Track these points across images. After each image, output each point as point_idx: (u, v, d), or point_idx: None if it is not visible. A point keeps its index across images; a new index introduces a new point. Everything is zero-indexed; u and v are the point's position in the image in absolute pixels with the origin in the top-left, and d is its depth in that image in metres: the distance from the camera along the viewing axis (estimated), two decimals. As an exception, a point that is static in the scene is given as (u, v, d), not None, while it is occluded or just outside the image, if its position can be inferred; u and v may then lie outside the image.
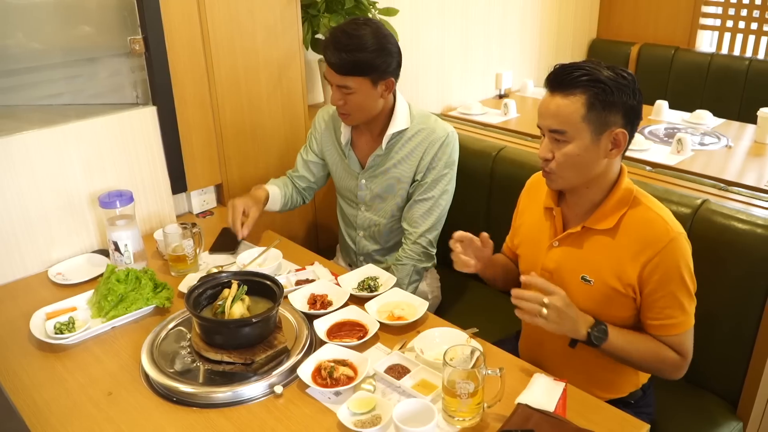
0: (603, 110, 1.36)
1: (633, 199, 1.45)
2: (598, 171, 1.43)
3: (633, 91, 1.38)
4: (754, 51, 3.80)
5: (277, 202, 2.11)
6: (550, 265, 1.54)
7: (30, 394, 1.38)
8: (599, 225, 1.46)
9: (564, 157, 1.41)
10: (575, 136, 1.39)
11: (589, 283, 1.47)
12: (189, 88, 2.08)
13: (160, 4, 1.92)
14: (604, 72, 1.36)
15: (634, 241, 1.42)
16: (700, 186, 1.95)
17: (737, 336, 1.68)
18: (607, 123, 1.37)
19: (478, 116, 3.26)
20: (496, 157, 2.16)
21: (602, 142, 1.39)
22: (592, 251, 1.47)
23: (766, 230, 1.60)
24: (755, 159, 2.62)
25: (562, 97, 1.38)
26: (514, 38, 3.68)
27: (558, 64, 1.41)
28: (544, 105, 1.42)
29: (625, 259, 1.42)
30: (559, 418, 1.24)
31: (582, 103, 1.36)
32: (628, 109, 1.38)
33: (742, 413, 1.72)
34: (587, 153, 1.40)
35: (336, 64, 1.78)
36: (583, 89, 1.36)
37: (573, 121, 1.37)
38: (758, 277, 1.61)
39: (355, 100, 1.83)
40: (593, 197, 1.48)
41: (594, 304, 1.46)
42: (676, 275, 1.40)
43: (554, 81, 1.40)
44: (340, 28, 1.81)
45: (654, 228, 1.41)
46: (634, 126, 1.42)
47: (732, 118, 3.23)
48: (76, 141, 1.88)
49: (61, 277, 1.83)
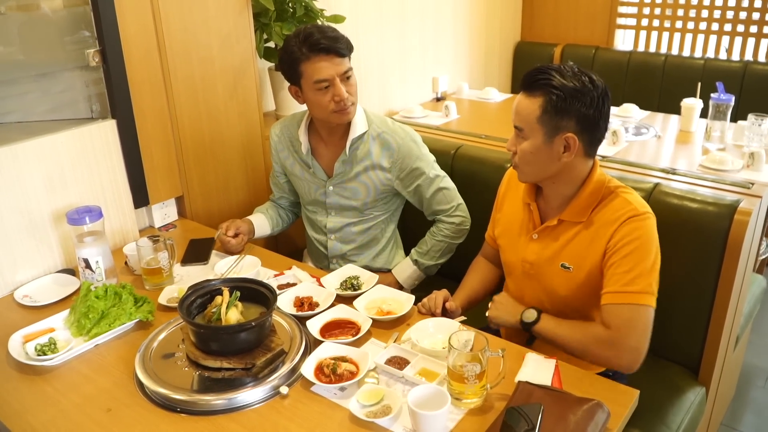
0: (555, 115, 1.43)
1: (605, 190, 1.52)
2: (555, 169, 1.50)
3: (591, 99, 1.43)
4: (668, 47, 4.08)
5: (265, 227, 2.15)
6: (530, 257, 1.62)
7: (25, 419, 1.33)
8: (574, 218, 1.54)
9: (522, 153, 1.51)
10: (530, 135, 1.48)
11: (569, 269, 1.55)
12: (147, 99, 2.05)
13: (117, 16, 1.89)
14: (566, 79, 1.43)
15: (602, 224, 1.50)
16: (649, 171, 2.09)
17: (695, 308, 1.82)
18: (559, 127, 1.44)
19: (420, 119, 3.34)
20: (456, 155, 2.24)
21: (555, 145, 1.46)
22: (569, 241, 1.56)
23: (716, 207, 1.74)
24: (683, 146, 2.82)
25: (525, 97, 1.48)
26: (447, 43, 3.80)
27: (536, 66, 1.48)
28: (515, 102, 1.51)
29: (597, 243, 1.51)
30: (559, 391, 1.31)
31: (538, 105, 1.44)
32: (582, 117, 1.43)
33: (704, 379, 1.86)
34: (540, 152, 1.48)
35: (339, 47, 1.81)
36: (542, 92, 1.44)
37: (529, 120, 1.46)
38: (711, 251, 1.75)
39: (355, 81, 1.90)
40: (564, 191, 1.56)
41: (576, 289, 1.55)
42: (626, 248, 1.45)
43: (524, 81, 1.49)
44: (311, 27, 1.85)
45: (617, 209, 1.49)
46: (592, 133, 1.47)
47: (653, 109, 3.45)
48: (36, 158, 1.82)
49: (29, 299, 1.76)
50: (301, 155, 2.05)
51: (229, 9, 2.20)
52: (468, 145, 2.27)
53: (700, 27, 3.93)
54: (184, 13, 2.07)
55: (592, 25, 4.23)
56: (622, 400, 1.34)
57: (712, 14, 3.86)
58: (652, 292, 1.44)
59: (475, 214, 2.07)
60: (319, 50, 1.80)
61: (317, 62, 1.81)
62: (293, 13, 2.47)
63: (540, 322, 1.54)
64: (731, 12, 3.79)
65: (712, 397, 1.96)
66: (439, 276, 2.18)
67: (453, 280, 2.19)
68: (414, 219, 2.20)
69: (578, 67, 1.46)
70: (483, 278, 1.86)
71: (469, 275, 1.88)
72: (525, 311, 1.58)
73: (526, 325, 1.56)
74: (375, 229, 2.10)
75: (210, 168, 2.30)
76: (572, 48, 4.20)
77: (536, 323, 1.54)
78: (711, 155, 2.51)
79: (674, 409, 1.76)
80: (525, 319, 1.56)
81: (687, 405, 1.78)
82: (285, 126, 2.10)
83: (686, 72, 3.70)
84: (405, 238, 2.26)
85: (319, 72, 1.82)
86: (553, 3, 4.30)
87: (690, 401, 1.80)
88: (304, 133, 2.02)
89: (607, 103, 1.47)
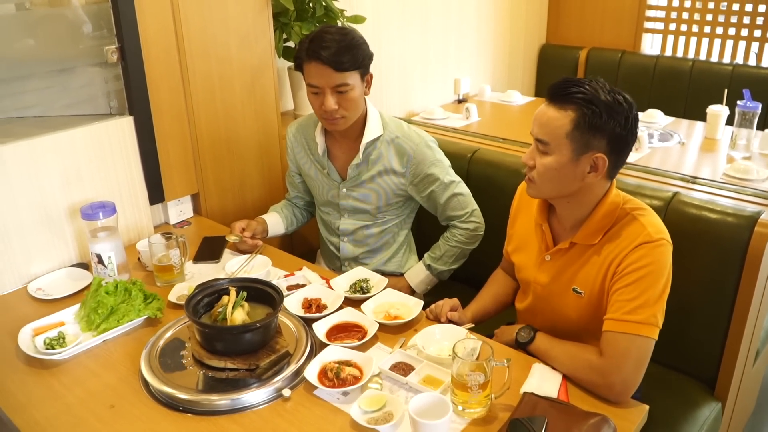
0: (588, 131, 1.36)
1: (620, 212, 1.45)
2: (575, 188, 1.43)
3: (626, 119, 1.37)
4: (696, 52, 4.00)
5: (279, 226, 2.15)
6: (543, 279, 1.58)
7: (29, 412, 1.35)
8: (586, 241, 1.47)
9: (543, 168, 1.43)
10: (556, 150, 1.40)
11: (580, 294, 1.50)
12: (165, 97, 2.06)
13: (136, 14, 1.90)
14: (601, 94, 1.35)
15: (614, 249, 1.43)
16: (669, 180, 2.05)
17: (712, 321, 1.77)
18: (590, 145, 1.37)
19: (441, 120, 3.33)
20: (472, 159, 2.22)
21: (581, 163, 1.39)
22: (581, 264, 1.49)
23: (736, 218, 1.69)
24: (708, 154, 2.76)
25: (555, 109, 1.39)
26: (470, 45, 3.77)
27: (564, 77, 1.41)
28: (539, 113, 1.42)
29: (607, 267, 1.43)
30: (564, 404, 1.29)
31: (570, 120, 1.36)
32: (614, 137, 1.37)
33: (720, 394, 1.81)
34: (564, 169, 1.40)
35: (336, 61, 1.77)
36: (576, 107, 1.36)
37: (557, 135, 1.38)
38: (730, 264, 1.70)
39: (352, 97, 1.83)
40: (577, 212, 1.49)
41: (585, 315, 1.50)
42: (633, 274, 1.38)
43: (553, 92, 1.40)
44: (323, 30, 1.82)
45: (630, 233, 1.41)
46: (619, 154, 1.41)
47: (678, 116, 3.39)
48: (54, 153, 1.84)
49: (42, 293, 1.78)
50: (317, 156, 2.05)
51: (248, 9, 2.20)
52: (485, 149, 2.25)
53: (729, 32, 3.85)
54: (203, 13, 2.08)
55: (618, 29, 4.16)
56: (631, 416, 1.31)
57: (741, 19, 3.78)
58: (654, 324, 1.36)
59: (490, 219, 2.05)
60: (317, 58, 1.78)
61: (312, 67, 1.80)
62: (313, 12, 2.46)
63: (534, 341, 1.49)
64: (761, 18, 3.71)
65: (729, 412, 1.92)
66: (452, 280, 2.16)
67: (467, 284, 2.18)
68: (429, 223, 2.18)
69: (609, 83, 1.39)
70: (497, 293, 1.81)
71: (485, 289, 1.84)
72: (520, 330, 1.52)
73: (520, 345, 1.51)
74: (388, 233, 2.09)
75: (226, 166, 2.30)
76: (598, 51, 4.14)
77: (530, 343, 1.50)
78: (736, 164, 2.46)
79: (688, 424, 1.72)
80: (520, 339, 1.51)
81: (701, 420, 1.74)
82: (301, 126, 2.10)
83: (714, 78, 3.62)
84: (419, 241, 2.25)
85: (311, 77, 1.82)
86: (579, 5, 4.24)
87: (705, 417, 1.75)
88: (321, 134, 2.01)
89: (638, 125, 1.42)
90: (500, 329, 1.64)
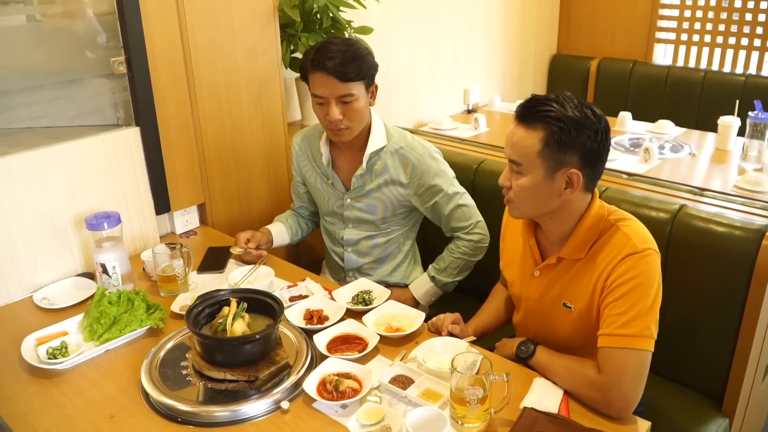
0: (558, 149, 1.35)
1: (605, 224, 1.44)
2: (554, 205, 1.42)
3: (596, 132, 1.36)
4: (708, 63, 3.97)
5: (284, 236, 2.15)
6: (533, 295, 1.57)
7: (29, 421, 1.35)
8: (573, 255, 1.46)
9: (519, 188, 1.42)
10: (529, 170, 1.39)
11: (570, 309, 1.49)
12: (171, 108, 2.07)
13: (143, 25, 1.92)
14: (569, 110, 1.35)
15: (601, 262, 1.41)
16: (676, 192, 2.03)
17: (720, 335, 1.75)
18: (562, 162, 1.36)
19: (449, 131, 3.32)
20: (477, 170, 2.21)
21: (556, 180, 1.38)
22: (569, 279, 1.48)
23: (743, 232, 1.67)
24: (719, 165, 2.74)
25: (524, 129, 1.38)
26: (480, 55, 3.77)
27: (532, 95, 1.41)
28: (509, 134, 1.42)
29: (595, 281, 1.42)
30: (565, 420, 1.27)
31: (539, 139, 1.35)
32: (586, 151, 1.36)
33: (727, 410, 1.79)
34: (540, 188, 1.39)
35: (341, 71, 1.77)
36: (544, 125, 1.35)
37: (529, 154, 1.37)
38: (737, 277, 1.68)
39: (357, 107, 1.84)
40: (561, 227, 1.48)
41: (576, 329, 1.49)
42: (623, 287, 1.36)
43: (521, 112, 1.40)
44: (328, 41, 1.83)
45: (616, 245, 1.40)
46: (594, 168, 1.40)
47: (690, 126, 3.36)
48: (60, 163, 1.86)
49: (47, 302, 1.80)
50: (322, 167, 2.05)
51: (255, 20, 2.22)
52: (490, 160, 2.24)
53: (741, 42, 3.82)
54: (210, 25, 2.09)
55: (630, 39, 4.15)
56: (633, 432, 1.29)
57: (754, 30, 3.75)
58: (649, 335, 1.33)
59: (495, 231, 2.02)
60: (322, 68, 1.79)
61: (317, 78, 1.81)
62: (320, 24, 2.47)
63: (535, 356, 1.47)
64: (776, 28, 3.68)
65: (737, 429, 1.88)
66: (457, 292, 2.15)
67: (471, 296, 2.16)
68: (434, 234, 2.17)
69: (577, 98, 1.39)
70: (498, 308, 1.80)
71: (486, 305, 1.83)
72: (520, 344, 1.51)
73: (520, 360, 1.50)
74: (392, 244, 2.08)
75: (232, 176, 2.31)
76: (609, 62, 4.12)
77: (531, 357, 1.48)
78: (746, 176, 2.43)
79: (695, 440, 1.70)
80: (520, 354, 1.49)
81: (708, 436, 1.72)
82: (306, 136, 2.10)
83: (726, 88, 3.59)
84: (425, 253, 2.24)
85: (316, 87, 1.83)
86: (591, 15, 4.23)
87: (711, 433, 1.73)
88: (326, 144, 2.01)
89: (609, 136, 1.40)
90: (501, 342, 1.63)
